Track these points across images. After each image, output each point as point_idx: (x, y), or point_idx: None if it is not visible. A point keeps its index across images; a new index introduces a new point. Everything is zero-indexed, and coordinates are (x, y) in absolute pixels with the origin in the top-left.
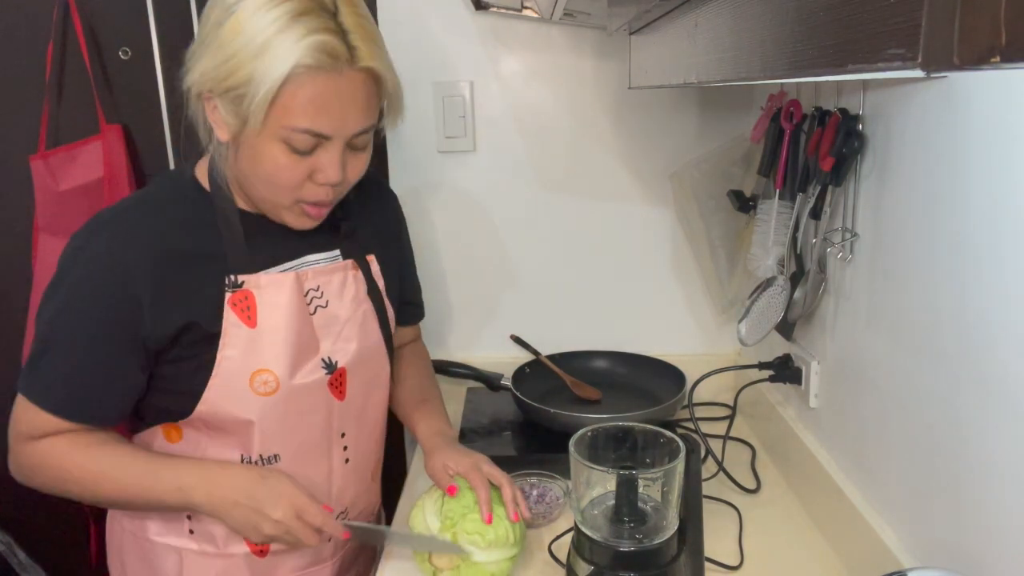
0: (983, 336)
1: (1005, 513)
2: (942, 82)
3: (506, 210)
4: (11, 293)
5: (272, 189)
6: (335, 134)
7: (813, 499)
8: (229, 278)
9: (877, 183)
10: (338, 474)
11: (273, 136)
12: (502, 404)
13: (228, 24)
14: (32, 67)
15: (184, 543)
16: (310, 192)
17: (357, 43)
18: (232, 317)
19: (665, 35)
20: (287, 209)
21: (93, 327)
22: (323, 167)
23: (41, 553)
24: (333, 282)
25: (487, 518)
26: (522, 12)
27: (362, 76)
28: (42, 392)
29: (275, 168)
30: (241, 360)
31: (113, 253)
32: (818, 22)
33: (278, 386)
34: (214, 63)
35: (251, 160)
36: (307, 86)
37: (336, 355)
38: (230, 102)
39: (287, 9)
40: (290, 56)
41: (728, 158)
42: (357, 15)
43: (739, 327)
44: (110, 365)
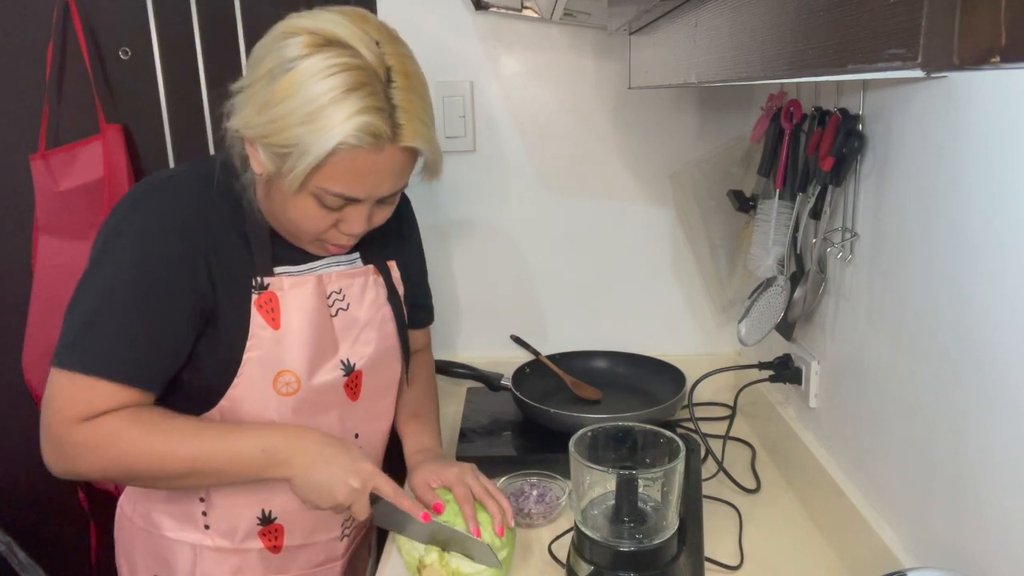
0: (983, 336)
1: (1005, 513)
2: (942, 82)
3: (506, 210)
4: (11, 293)
5: (296, 230)
6: (366, 198)
7: (813, 499)
8: (255, 280)
9: (877, 183)
10: None
11: (308, 191)
12: (502, 404)
13: (282, 81)
14: (32, 67)
15: (199, 539)
16: (333, 237)
17: (402, 121)
18: (258, 319)
19: (665, 35)
20: (307, 243)
21: (152, 284)
22: (349, 220)
23: (41, 553)
24: (355, 286)
25: (475, 532)
26: (522, 12)
27: (402, 152)
28: (101, 361)
29: (303, 217)
30: (266, 361)
31: (172, 208)
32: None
33: (299, 386)
34: (262, 118)
35: (281, 203)
36: (347, 161)
37: (354, 357)
38: (272, 154)
39: (342, 81)
40: (337, 134)
41: (728, 158)
42: (408, 90)
43: (739, 327)
44: (170, 323)
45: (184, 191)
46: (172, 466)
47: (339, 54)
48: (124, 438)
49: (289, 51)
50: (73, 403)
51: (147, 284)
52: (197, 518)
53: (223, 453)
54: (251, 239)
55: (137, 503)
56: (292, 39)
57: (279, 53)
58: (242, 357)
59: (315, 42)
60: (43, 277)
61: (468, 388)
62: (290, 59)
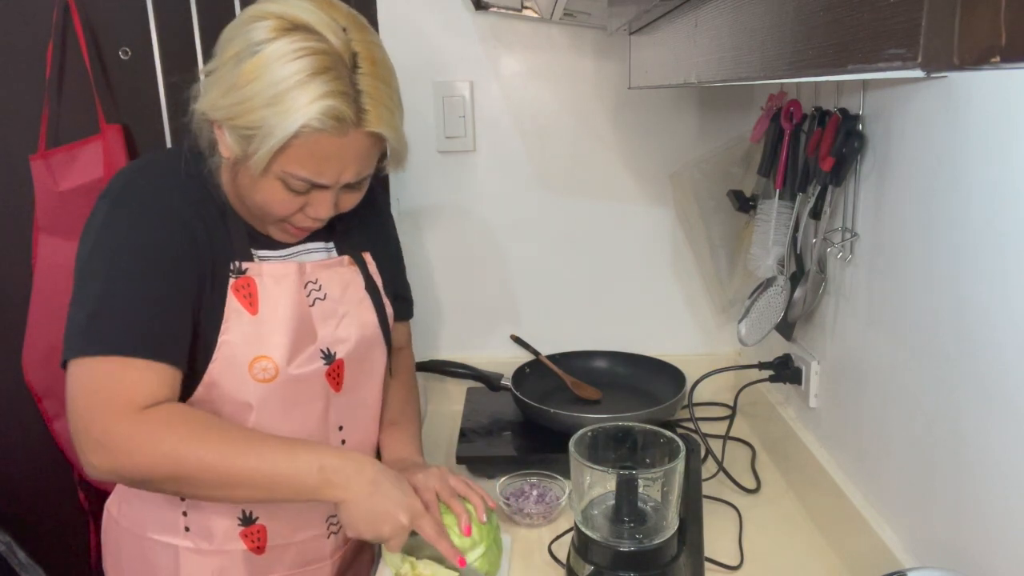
0: (983, 336)
1: (1005, 513)
2: (942, 82)
3: (506, 210)
4: (11, 293)
5: (263, 213)
6: (331, 184)
7: (813, 499)
8: (233, 264)
9: (877, 183)
10: None
11: (272, 174)
12: (502, 404)
13: (248, 64)
14: (32, 67)
15: (180, 540)
16: (298, 220)
17: (367, 106)
18: (234, 302)
19: (665, 35)
20: (272, 224)
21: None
22: (315, 205)
23: (41, 553)
24: (332, 276)
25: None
26: (522, 12)
27: (366, 137)
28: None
29: (270, 200)
30: (242, 345)
31: (162, 188)
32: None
33: (277, 373)
34: (227, 100)
35: (247, 187)
36: (311, 144)
37: (335, 346)
38: (238, 136)
39: (307, 65)
40: (301, 116)
41: (728, 158)
42: (374, 76)
43: (739, 327)
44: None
45: (170, 172)
46: (228, 473)
47: (305, 38)
48: (180, 435)
49: (256, 34)
50: (116, 391)
51: (152, 257)
52: (178, 520)
53: (279, 465)
54: (229, 222)
55: (123, 503)
56: (259, 23)
57: (246, 36)
58: (217, 340)
59: (282, 26)
60: (43, 277)
61: (468, 388)
62: (257, 42)
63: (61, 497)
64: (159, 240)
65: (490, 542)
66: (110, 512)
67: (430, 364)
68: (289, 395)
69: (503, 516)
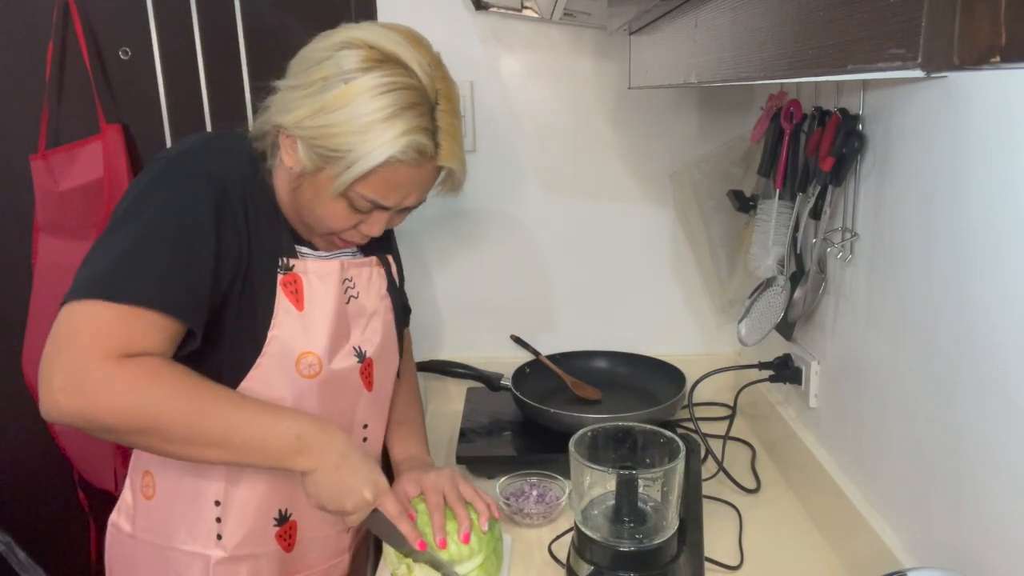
0: (983, 336)
1: (1005, 513)
2: (942, 82)
3: (506, 210)
4: (11, 293)
5: (317, 225)
6: (394, 207)
7: (813, 499)
8: (281, 260)
9: (877, 183)
10: None
11: (341, 192)
12: (502, 404)
13: (338, 91)
14: (32, 67)
15: (212, 550)
16: (350, 235)
17: (443, 142)
18: (283, 298)
19: (665, 35)
20: (318, 236)
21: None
22: (371, 223)
23: (41, 553)
24: (363, 275)
25: (440, 544)
26: (522, 12)
27: (436, 169)
28: (145, 289)
29: (331, 216)
30: (289, 341)
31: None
32: (818, 22)
33: (321, 369)
34: (314, 121)
35: (310, 199)
36: (390, 173)
37: (365, 345)
38: (315, 155)
39: (396, 100)
40: (389, 149)
41: (728, 158)
42: (451, 112)
43: (739, 327)
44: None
45: (236, 154)
46: (204, 427)
47: (395, 72)
48: (163, 383)
49: (347, 62)
50: (110, 336)
51: (187, 222)
52: (211, 528)
53: (258, 428)
54: (278, 220)
55: (140, 516)
56: (351, 51)
57: (337, 62)
58: (267, 335)
59: (373, 57)
60: (43, 277)
61: (468, 388)
62: (348, 71)
63: (61, 497)
64: (202, 209)
65: (489, 552)
66: (120, 527)
67: (430, 364)
68: (328, 392)
69: (503, 516)
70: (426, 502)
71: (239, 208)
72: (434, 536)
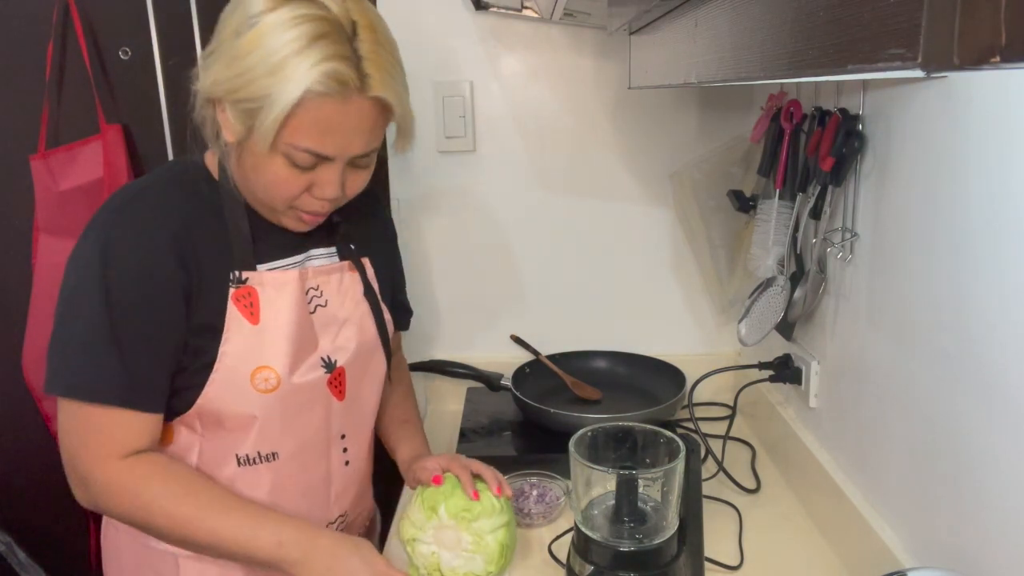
0: (983, 336)
1: (1005, 513)
2: (942, 82)
3: (506, 210)
4: (11, 293)
5: (269, 196)
6: (337, 155)
7: (813, 499)
8: (233, 274)
9: (877, 183)
10: (338, 476)
11: (278, 151)
12: (502, 404)
13: (247, 36)
14: (32, 67)
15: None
16: (307, 203)
17: (370, 71)
18: (235, 313)
19: (665, 35)
20: (283, 214)
21: (142, 302)
22: (322, 183)
23: (41, 553)
24: (331, 282)
25: (473, 495)
26: (522, 12)
27: (370, 104)
28: (109, 389)
29: (275, 180)
30: (243, 356)
31: (150, 221)
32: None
33: (278, 383)
34: (228, 73)
35: (253, 168)
36: (314, 110)
37: (335, 354)
38: (241, 112)
39: (306, 31)
40: (303, 81)
41: (728, 158)
42: (375, 42)
43: (739, 327)
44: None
45: (160, 200)
46: (193, 534)
47: (303, 6)
48: (154, 492)
49: (253, 7)
50: (97, 439)
51: (137, 303)
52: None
53: (241, 536)
54: (231, 233)
55: None
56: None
57: (244, 9)
58: (217, 351)
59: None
60: (43, 277)
61: (468, 388)
62: (255, 14)
63: (61, 497)
64: (143, 280)
65: (511, 517)
66: (109, 520)
67: (430, 364)
68: (290, 405)
69: None
70: (450, 468)
71: (180, 247)
72: (466, 490)
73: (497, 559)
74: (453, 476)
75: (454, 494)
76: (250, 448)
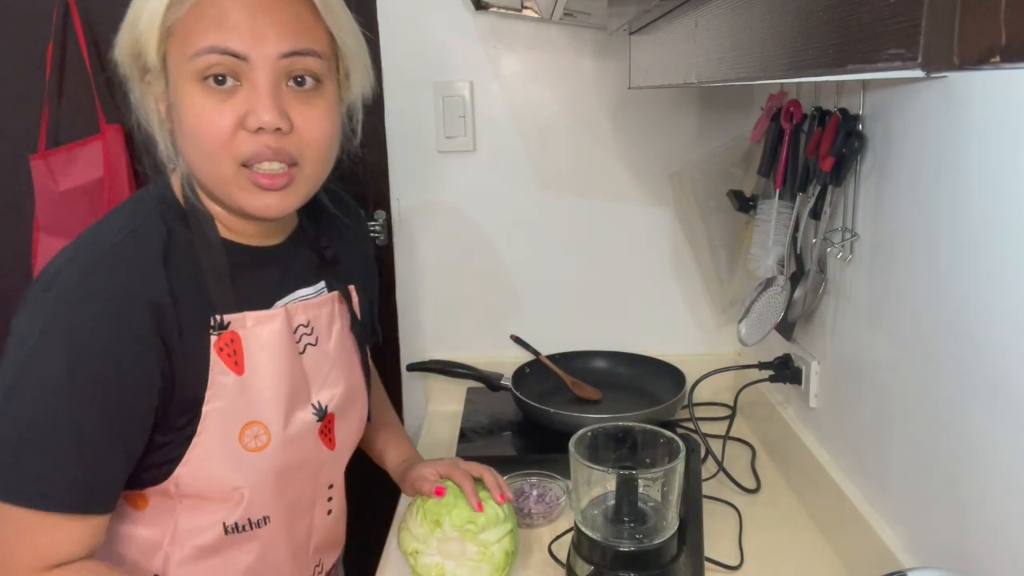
0: (984, 336)
1: (1005, 513)
2: (942, 82)
3: (506, 210)
4: (11, 293)
5: (206, 153)
6: (250, 52)
7: (813, 499)
8: (214, 319)
9: (877, 183)
10: (319, 528)
11: (187, 76)
12: (502, 404)
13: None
14: (32, 67)
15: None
16: (246, 145)
17: None
18: (218, 364)
19: (665, 35)
20: (234, 184)
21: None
22: (253, 107)
23: None
24: (322, 316)
25: (477, 506)
26: (522, 12)
27: None
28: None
29: (197, 117)
30: (229, 413)
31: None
32: (818, 22)
33: (269, 439)
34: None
35: (179, 123)
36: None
37: (324, 399)
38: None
39: None
40: None
41: (728, 158)
42: None
43: (739, 327)
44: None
45: (132, 259)
46: None
47: None
48: None
49: None
50: (29, 550)
51: (106, 389)
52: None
53: None
54: (208, 275)
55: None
56: None
57: None
58: (201, 411)
59: None
60: None
61: (468, 388)
62: None
63: None
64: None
65: (515, 523)
66: None
67: (430, 364)
68: (282, 463)
69: None
70: (452, 477)
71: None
72: (470, 501)
73: (503, 566)
74: (455, 486)
75: (457, 505)
76: (239, 516)
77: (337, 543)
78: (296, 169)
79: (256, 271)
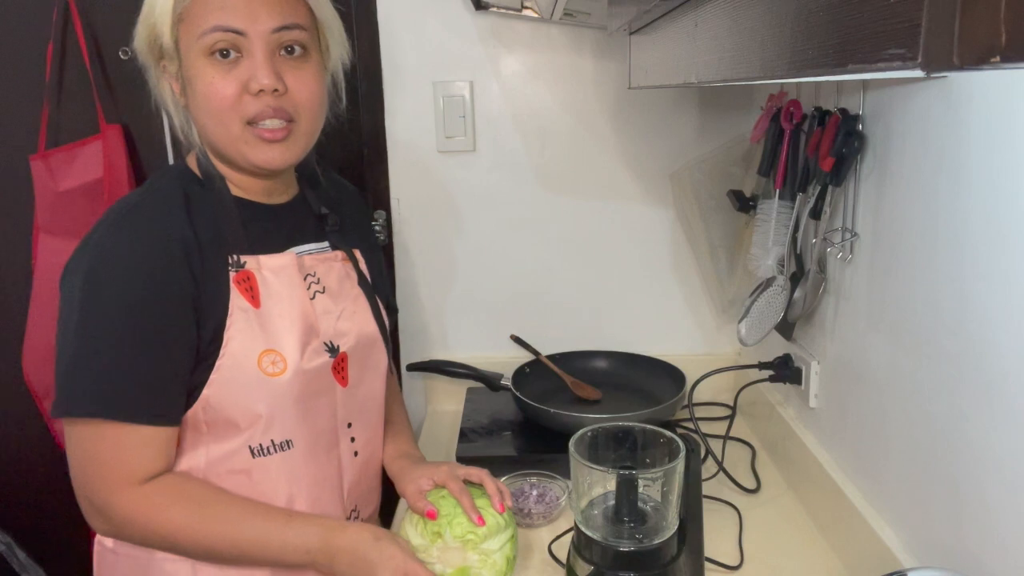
0: (983, 336)
1: (1005, 513)
2: (942, 82)
3: (506, 210)
4: (11, 293)
5: (216, 116)
6: (247, 28)
7: (813, 499)
8: (232, 258)
9: (877, 183)
10: (348, 468)
11: (197, 53)
12: (502, 404)
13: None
14: (32, 67)
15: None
16: (250, 106)
17: None
18: (237, 296)
19: (665, 35)
20: (242, 140)
21: (150, 313)
22: (253, 74)
23: (41, 553)
24: (329, 272)
25: (478, 520)
26: (522, 12)
27: None
28: (126, 405)
29: (208, 86)
30: (249, 341)
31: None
32: (818, 22)
33: (286, 366)
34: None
35: (192, 95)
36: None
37: (337, 340)
38: (160, 49)
39: None
40: None
41: (728, 158)
42: None
43: (739, 327)
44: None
45: (159, 207)
46: (218, 550)
47: None
48: (177, 520)
49: None
50: (113, 462)
51: (152, 313)
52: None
53: (267, 552)
54: (223, 222)
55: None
56: None
57: None
58: (223, 337)
59: None
60: (43, 277)
61: (468, 388)
62: None
63: (61, 497)
64: (155, 289)
65: (515, 528)
66: (104, 544)
67: (430, 364)
68: (300, 390)
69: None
70: (449, 489)
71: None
72: (470, 516)
73: (505, 572)
74: (452, 497)
75: (457, 515)
76: (262, 437)
77: (371, 492)
78: (293, 124)
79: (265, 224)
